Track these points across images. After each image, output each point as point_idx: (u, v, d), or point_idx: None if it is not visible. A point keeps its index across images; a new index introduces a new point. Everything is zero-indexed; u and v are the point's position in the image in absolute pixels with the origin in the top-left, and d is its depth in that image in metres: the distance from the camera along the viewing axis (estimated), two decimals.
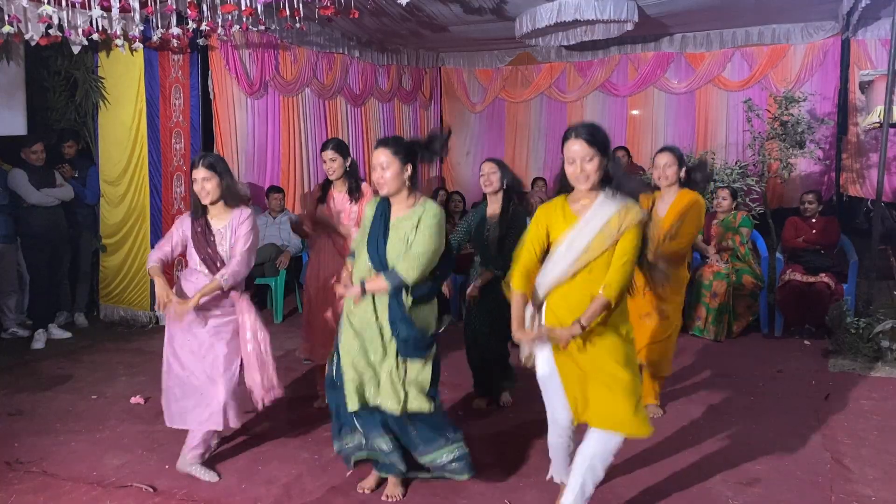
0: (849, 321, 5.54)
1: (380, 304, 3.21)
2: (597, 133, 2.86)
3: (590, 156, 2.82)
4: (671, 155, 4.10)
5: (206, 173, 3.51)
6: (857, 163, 8.09)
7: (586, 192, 2.89)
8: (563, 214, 2.93)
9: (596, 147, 2.83)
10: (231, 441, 4.03)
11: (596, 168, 2.83)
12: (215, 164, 3.56)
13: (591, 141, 2.83)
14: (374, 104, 9.38)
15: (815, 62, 8.23)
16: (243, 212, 3.63)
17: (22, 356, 5.68)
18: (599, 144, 2.84)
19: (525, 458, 3.78)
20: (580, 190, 2.90)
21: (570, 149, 2.85)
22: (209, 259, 3.57)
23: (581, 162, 2.83)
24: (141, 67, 6.28)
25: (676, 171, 4.08)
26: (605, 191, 2.87)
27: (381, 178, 3.19)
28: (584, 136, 2.83)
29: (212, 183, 3.52)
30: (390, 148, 3.20)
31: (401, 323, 3.15)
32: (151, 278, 3.63)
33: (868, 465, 3.69)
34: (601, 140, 2.85)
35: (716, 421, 4.28)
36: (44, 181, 6.01)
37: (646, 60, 9.15)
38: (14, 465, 3.75)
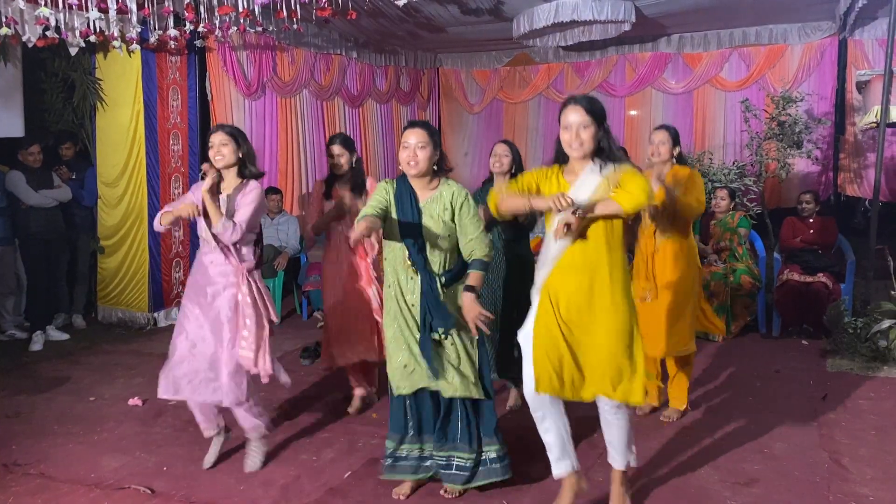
0: (846, 321, 5.54)
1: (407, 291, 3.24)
2: (594, 103, 2.96)
3: (585, 123, 2.90)
4: (666, 132, 4.13)
5: (224, 138, 3.57)
6: (854, 163, 8.10)
7: (579, 161, 2.97)
8: (557, 182, 3.00)
9: (592, 116, 2.91)
10: (229, 442, 4.03)
11: (591, 136, 2.91)
12: (235, 132, 3.63)
13: (588, 109, 2.91)
14: (372, 105, 9.39)
15: (813, 62, 8.24)
16: (252, 186, 3.64)
17: (20, 358, 5.68)
18: (596, 114, 2.92)
19: (524, 458, 3.78)
20: (573, 159, 2.97)
21: (567, 116, 2.93)
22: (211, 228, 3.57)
23: (577, 129, 2.90)
24: (138, 69, 6.28)
25: (670, 149, 4.10)
26: (594, 160, 2.95)
27: (415, 158, 3.18)
28: (583, 105, 2.92)
29: (228, 148, 3.57)
30: (427, 129, 3.24)
31: (436, 311, 3.16)
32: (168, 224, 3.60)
33: (866, 464, 3.69)
34: (598, 110, 2.94)
35: (713, 421, 4.28)
36: (41, 183, 6.01)
37: (643, 61, 9.16)
38: (12, 468, 3.75)
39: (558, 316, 2.98)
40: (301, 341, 5.89)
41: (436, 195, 3.25)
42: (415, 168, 3.19)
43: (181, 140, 6.70)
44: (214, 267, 3.62)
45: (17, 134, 6.21)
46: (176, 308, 6.71)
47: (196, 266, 3.71)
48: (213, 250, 3.61)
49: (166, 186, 6.57)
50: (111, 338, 6.28)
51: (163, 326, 6.55)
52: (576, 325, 2.98)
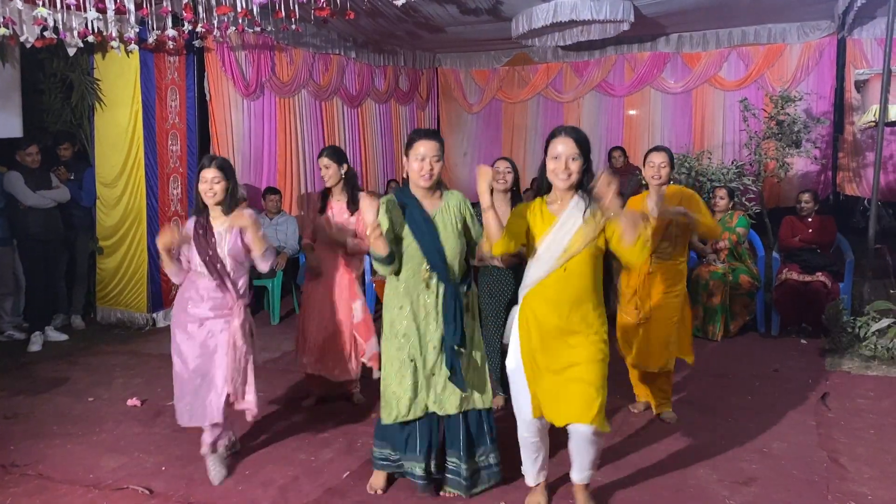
0: (845, 320, 5.55)
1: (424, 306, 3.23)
2: (582, 135, 2.99)
3: (574, 155, 2.93)
4: (666, 155, 4.13)
5: (216, 174, 3.53)
6: (853, 162, 8.10)
7: (562, 193, 2.99)
8: (542, 215, 3.03)
9: (580, 149, 2.94)
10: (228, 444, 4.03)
11: (578, 168, 2.94)
12: (225, 167, 3.58)
13: (577, 140, 2.94)
14: (371, 105, 9.39)
15: (811, 61, 8.24)
16: (248, 214, 3.61)
17: (18, 359, 5.68)
18: (584, 147, 2.96)
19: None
20: (557, 189, 2.99)
21: (555, 146, 2.96)
22: (210, 261, 3.56)
23: (566, 160, 2.92)
24: (137, 69, 6.28)
25: (669, 172, 4.13)
26: (578, 192, 2.98)
27: (432, 171, 3.17)
28: (573, 136, 2.95)
29: (221, 185, 3.53)
30: (439, 140, 3.25)
31: (458, 326, 3.16)
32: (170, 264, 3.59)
33: (865, 463, 3.69)
34: (586, 143, 2.98)
35: (712, 420, 4.28)
36: (39, 183, 6.01)
37: (642, 60, 9.16)
38: (10, 469, 3.75)
39: (535, 341, 3.00)
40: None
41: (443, 205, 3.25)
42: (429, 181, 3.18)
43: (180, 140, 6.70)
44: (211, 299, 3.58)
45: (16, 134, 6.20)
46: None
47: (192, 294, 3.61)
48: (208, 284, 3.57)
49: (165, 187, 6.57)
50: (110, 338, 6.28)
51: (161, 327, 6.54)
52: (553, 352, 2.99)
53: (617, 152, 8.37)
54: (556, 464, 3.44)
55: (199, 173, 3.57)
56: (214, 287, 3.57)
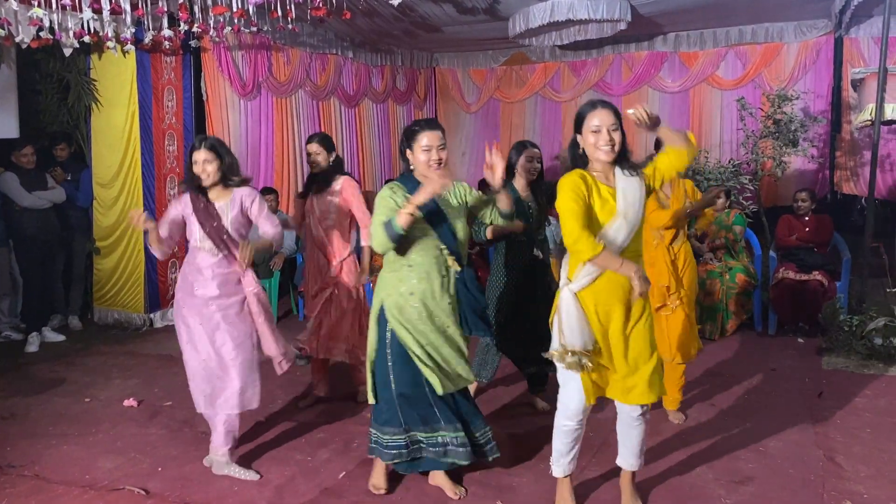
0: (842, 319, 5.55)
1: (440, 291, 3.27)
2: (615, 107, 2.97)
3: (615, 125, 2.90)
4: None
5: (207, 155, 3.50)
6: (850, 160, 8.10)
7: (604, 166, 2.95)
8: (597, 188, 2.93)
9: (618, 118, 2.92)
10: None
11: (620, 139, 2.91)
12: (216, 146, 3.56)
13: (615, 111, 2.92)
14: (369, 105, 9.38)
15: (809, 60, 8.24)
16: (249, 191, 3.63)
17: (15, 359, 5.67)
18: (619, 117, 2.93)
19: (519, 457, 3.78)
20: (600, 161, 2.94)
21: (592, 119, 2.91)
22: (215, 232, 3.51)
23: (608, 130, 2.88)
24: (133, 69, 6.27)
25: None
26: (620, 165, 2.95)
27: (440, 159, 3.21)
28: (609, 107, 2.92)
29: (213, 165, 3.51)
30: (442, 130, 3.30)
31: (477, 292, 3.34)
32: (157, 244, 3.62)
33: (861, 462, 3.69)
34: (620, 115, 2.94)
35: (708, 419, 4.29)
36: (35, 184, 6.00)
37: (639, 60, 9.16)
38: (6, 469, 3.75)
39: (602, 322, 2.97)
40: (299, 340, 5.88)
41: (445, 193, 3.30)
42: (439, 169, 3.19)
43: (176, 140, 6.70)
44: (217, 276, 3.54)
45: (12, 135, 6.20)
46: (172, 309, 6.68)
47: (195, 276, 3.58)
48: (211, 259, 3.55)
49: (162, 187, 6.56)
50: (107, 339, 6.28)
51: (159, 328, 6.54)
52: (613, 333, 2.98)
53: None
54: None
55: (191, 154, 3.54)
56: (220, 260, 3.54)
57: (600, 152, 2.90)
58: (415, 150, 3.21)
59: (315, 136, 4.46)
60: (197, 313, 3.57)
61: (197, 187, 3.56)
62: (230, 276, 3.58)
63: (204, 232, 3.52)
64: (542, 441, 3.95)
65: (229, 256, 3.55)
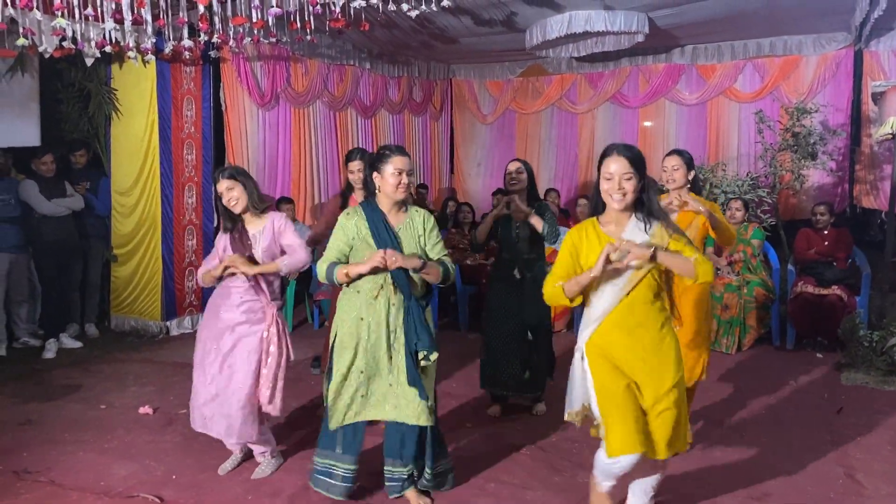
0: (861, 334, 5.48)
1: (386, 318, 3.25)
2: (635, 152, 2.87)
3: (629, 175, 2.81)
4: (679, 157, 4.04)
5: (229, 183, 3.63)
6: (870, 174, 8.02)
7: (618, 214, 2.89)
8: (598, 237, 2.90)
9: (634, 167, 2.82)
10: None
11: (633, 188, 2.82)
12: (234, 174, 3.67)
13: (631, 159, 2.82)
14: (385, 116, 9.41)
15: (828, 73, 8.18)
16: (278, 217, 3.73)
17: (32, 365, 5.71)
18: (638, 165, 2.84)
19: (532, 470, 3.75)
20: (612, 210, 2.89)
21: (608, 165, 2.84)
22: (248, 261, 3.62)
23: (619, 179, 2.82)
24: (153, 79, 6.34)
25: (684, 174, 4.01)
26: (636, 214, 2.88)
27: (408, 185, 3.25)
28: (626, 154, 2.83)
29: (237, 190, 3.62)
30: (409, 157, 3.32)
31: (425, 335, 3.21)
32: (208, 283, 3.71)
33: (881, 480, 3.63)
34: (639, 160, 2.85)
35: (726, 434, 4.24)
36: (55, 191, 6.06)
37: (657, 72, 9.13)
38: (22, 475, 3.76)
39: (620, 371, 2.86)
40: (312, 350, 5.89)
41: (407, 220, 3.32)
42: (405, 194, 3.27)
43: (195, 150, 6.75)
44: (244, 303, 3.65)
45: (34, 143, 6.28)
46: (188, 317, 6.74)
47: (223, 299, 3.69)
48: (242, 285, 3.64)
49: (180, 196, 6.61)
50: (123, 346, 6.31)
51: (175, 335, 6.57)
52: (636, 384, 2.87)
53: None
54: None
55: (215, 188, 3.68)
56: (247, 289, 3.64)
57: (611, 200, 2.86)
58: (384, 174, 3.23)
59: (357, 153, 4.47)
60: (216, 337, 3.66)
61: (232, 221, 3.68)
62: (256, 304, 3.67)
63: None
64: (553, 454, 3.93)
65: (257, 287, 3.65)
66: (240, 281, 3.64)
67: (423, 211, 3.39)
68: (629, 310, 2.85)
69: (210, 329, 3.70)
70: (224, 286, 3.70)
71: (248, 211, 3.67)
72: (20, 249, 6.05)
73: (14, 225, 5.95)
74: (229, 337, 3.63)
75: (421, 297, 3.29)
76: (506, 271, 4.49)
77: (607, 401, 2.83)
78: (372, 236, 3.24)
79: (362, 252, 3.24)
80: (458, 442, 4.11)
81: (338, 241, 3.29)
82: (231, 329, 3.63)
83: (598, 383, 2.86)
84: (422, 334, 3.21)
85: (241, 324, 3.64)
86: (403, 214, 3.33)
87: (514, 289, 4.44)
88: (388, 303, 3.23)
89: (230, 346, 3.63)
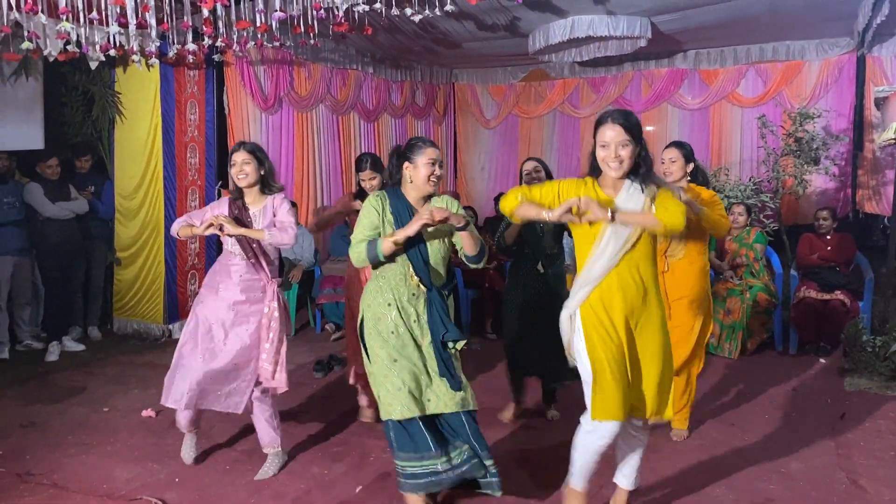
0: (865, 339, 5.47)
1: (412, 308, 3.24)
2: (631, 119, 2.88)
3: (624, 142, 2.83)
4: (677, 150, 4.03)
5: (246, 156, 3.65)
6: (872, 179, 8.02)
7: (615, 181, 2.90)
8: (596, 195, 2.90)
9: (630, 134, 2.84)
10: (240, 454, 4.03)
11: (629, 154, 2.84)
12: (255, 150, 3.70)
13: (626, 126, 2.84)
14: (388, 120, 9.42)
15: (830, 78, 8.19)
16: (279, 196, 3.74)
17: (35, 368, 5.72)
18: (634, 131, 2.85)
19: (535, 475, 3.75)
20: (608, 176, 2.91)
21: (604, 133, 2.87)
22: (246, 240, 3.62)
23: (615, 147, 2.84)
24: (157, 83, 6.35)
25: (682, 166, 4.00)
26: (630, 178, 2.89)
27: (439, 178, 3.25)
28: (621, 122, 2.85)
29: (251, 166, 3.64)
30: (437, 148, 3.31)
31: (450, 324, 3.20)
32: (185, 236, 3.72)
33: (885, 486, 3.63)
34: (635, 127, 2.87)
35: (729, 439, 4.23)
36: (59, 195, 6.08)
37: (659, 76, 9.15)
38: (25, 478, 3.77)
39: (614, 334, 2.89)
40: (314, 354, 5.90)
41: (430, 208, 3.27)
42: (435, 186, 3.24)
43: (198, 153, 6.76)
44: (243, 282, 3.67)
45: (37, 146, 6.29)
46: None
47: (223, 276, 3.70)
48: (241, 263, 3.66)
49: (183, 199, 6.62)
50: (126, 349, 6.31)
51: (177, 338, 6.54)
52: (628, 345, 2.92)
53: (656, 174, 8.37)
54: None
55: (231, 156, 3.67)
56: (247, 267, 3.66)
57: (609, 168, 2.88)
58: (417, 164, 3.21)
59: (368, 161, 4.45)
60: (214, 312, 3.68)
61: (238, 192, 3.69)
62: (256, 283, 3.70)
63: (235, 239, 3.62)
64: (558, 461, 3.93)
65: (257, 264, 3.66)
66: (238, 259, 3.66)
67: (449, 199, 3.33)
68: (630, 269, 2.88)
69: (208, 307, 3.71)
70: (223, 264, 3.72)
71: (255, 187, 3.67)
72: (24, 252, 6.06)
73: (18, 228, 5.96)
74: (230, 314, 3.65)
75: (442, 287, 3.27)
76: (528, 266, 4.42)
77: (596, 365, 2.87)
78: (394, 224, 3.20)
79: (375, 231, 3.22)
80: None
81: (369, 221, 3.23)
82: (231, 306, 3.66)
83: (590, 346, 2.90)
84: (448, 323, 3.18)
85: (241, 302, 3.66)
86: (428, 202, 3.29)
87: (537, 283, 4.37)
88: (409, 292, 3.22)
89: (231, 324, 3.65)
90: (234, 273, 3.68)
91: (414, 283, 3.22)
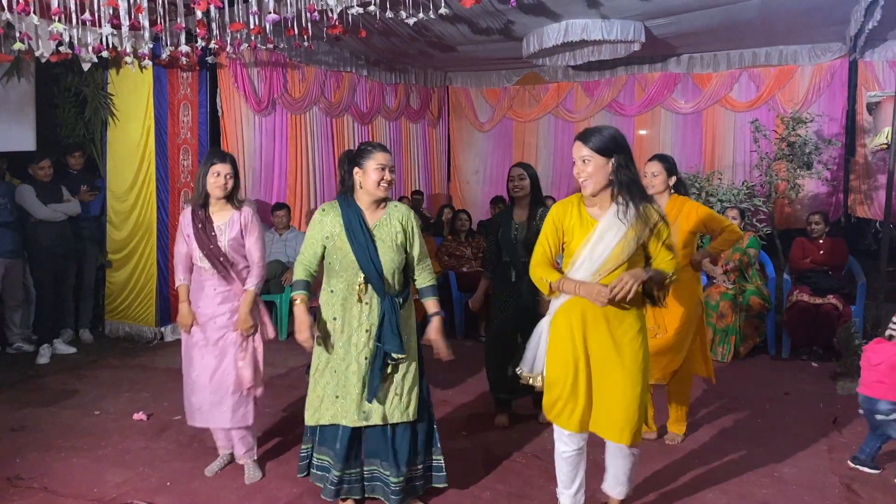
0: (857, 343, 5.48)
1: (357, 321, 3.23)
2: (596, 136, 2.87)
3: (586, 157, 2.86)
4: (658, 163, 4.06)
5: (229, 169, 3.64)
6: (864, 184, 8.06)
7: (599, 198, 2.90)
8: (580, 217, 2.93)
9: (596, 150, 2.84)
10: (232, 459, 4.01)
11: (595, 170, 2.84)
12: (234, 163, 3.71)
13: (587, 143, 2.86)
14: (382, 122, 9.42)
15: (823, 83, 8.23)
16: (247, 211, 3.70)
17: (26, 371, 5.68)
18: (600, 148, 2.84)
19: (529, 477, 3.74)
20: (586, 192, 2.93)
21: (573, 152, 2.92)
22: (212, 254, 3.62)
23: (579, 163, 2.88)
24: (150, 85, 6.33)
25: (664, 180, 4.04)
26: (616, 200, 2.87)
27: (390, 181, 3.24)
28: (581, 138, 2.89)
29: (231, 179, 3.65)
30: (390, 154, 3.32)
31: (394, 337, 3.16)
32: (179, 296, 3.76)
33: (878, 490, 3.63)
34: (602, 144, 2.85)
35: (722, 444, 4.23)
36: (51, 196, 6.04)
37: (653, 81, 9.17)
38: (15, 482, 3.74)
39: (578, 348, 2.92)
40: (306, 357, 5.83)
41: (384, 217, 3.26)
42: (387, 191, 3.24)
43: (191, 155, 6.74)
44: (218, 294, 3.67)
45: (29, 147, 6.26)
46: None
47: (198, 293, 3.71)
48: (213, 277, 3.67)
49: (175, 201, 6.59)
50: (118, 352, 6.28)
51: (170, 341, 6.54)
52: (596, 362, 2.93)
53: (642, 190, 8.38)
54: None
55: (210, 167, 3.63)
56: (219, 279, 3.66)
57: (581, 185, 2.91)
58: (367, 169, 3.20)
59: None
60: (199, 329, 3.69)
61: (199, 200, 3.66)
62: (230, 294, 3.69)
63: (202, 253, 3.63)
64: (549, 462, 3.92)
65: (228, 276, 3.66)
66: (208, 274, 3.65)
67: (403, 207, 3.33)
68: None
69: (195, 326, 3.72)
70: (196, 281, 3.72)
71: (225, 199, 3.66)
72: (15, 254, 6.02)
73: (9, 230, 5.93)
74: (212, 327, 3.66)
75: (396, 295, 3.24)
76: (504, 274, 4.47)
77: (551, 372, 2.98)
78: (346, 233, 3.20)
79: (335, 251, 3.22)
80: (452, 450, 4.09)
81: (312, 240, 3.27)
82: (212, 319, 3.66)
83: (551, 351, 2.98)
84: (393, 335, 3.15)
85: (220, 315, 3.66)
86: (381, 211, 3.28)
87: (511, 291, 4.40)
88: (361, 303, 3.21)
89: (214, 336, 3.66)
90: (207, 287, 3.68)
91: (361, 289, 3.20)
